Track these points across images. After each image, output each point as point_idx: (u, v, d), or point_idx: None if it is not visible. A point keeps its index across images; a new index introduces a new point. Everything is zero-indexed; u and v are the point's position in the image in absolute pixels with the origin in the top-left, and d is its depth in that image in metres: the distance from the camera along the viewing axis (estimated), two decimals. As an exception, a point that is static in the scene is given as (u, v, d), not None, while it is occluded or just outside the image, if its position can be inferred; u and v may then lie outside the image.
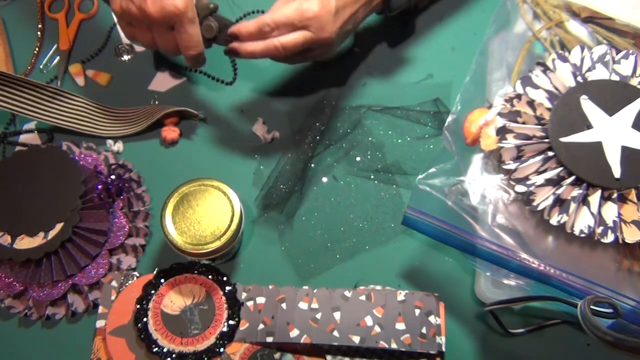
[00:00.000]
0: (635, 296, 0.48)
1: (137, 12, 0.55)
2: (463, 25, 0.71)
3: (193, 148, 0.66)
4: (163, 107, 0.66)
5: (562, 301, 0.48)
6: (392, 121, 0.66)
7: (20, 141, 0.67)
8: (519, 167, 0.49)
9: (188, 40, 0.56)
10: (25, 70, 0.71)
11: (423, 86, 0.68)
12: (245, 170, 0.65)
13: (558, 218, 0.48)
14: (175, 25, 0.56)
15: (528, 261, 0.49)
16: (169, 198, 0.55)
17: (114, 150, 0.66)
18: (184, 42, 0.56)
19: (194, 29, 0.56)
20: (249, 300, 0.56)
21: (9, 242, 0.57)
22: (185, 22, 0.55)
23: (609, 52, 0.53)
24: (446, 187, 0.52)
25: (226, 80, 0.69)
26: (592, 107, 0.50)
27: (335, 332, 0.53)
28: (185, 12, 0.54)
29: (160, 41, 0.58)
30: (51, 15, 0.74)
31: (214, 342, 0.55)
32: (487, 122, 0.53)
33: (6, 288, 0.58)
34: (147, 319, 0.55)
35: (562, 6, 0.59)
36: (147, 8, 0.54)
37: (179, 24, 0.55)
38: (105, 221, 0.59)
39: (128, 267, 0.60)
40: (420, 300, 0.54)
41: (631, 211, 0.48)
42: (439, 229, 0.51)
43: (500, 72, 0.56)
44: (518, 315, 0.57)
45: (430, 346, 0.52)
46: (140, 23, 0.57)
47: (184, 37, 0.56)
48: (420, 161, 0.64)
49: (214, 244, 0.54)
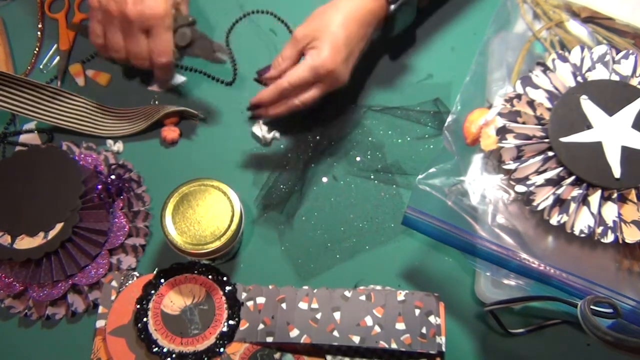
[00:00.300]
0: (635, 296, 0.48)
1: (116, 12, 0.57)
2: (463, 25, 0.71)
3: (193, 148, 0.66)
4: (163, 107, 0.66)
5: (562, 301, 0.48)
6: (392, 121, 0.66)
7: (20, 141, 0.67)
8: (519, 167, 0.49)
9: (160, 46, 0.59)
10: (25, 70, 0.71)
11: (423, 86, 0.68)
12: (245, 170, 0.65)
13: (558, 218, 0.48)
14: (151, 30, 0.58)
15: (528, 261, 0.49)
16: (169, 198, 0.55)
17: (114, 150, 0.66)
18: (156, 47, 0.59)
19: (168, 35, 0.58)
20: (249, 300, 0.56)
21: (9, 242, 0.57)
22: (162, 27, 0.57)
23: (609, 52, 0.53)
24: (446, 187, 0.52)
25: (226, 80, 0.69)
26: (592, 107, 0.50)
27: (335, 332, 0.53)
28: (164, 18, 0.57)
29: (130, 45, 0.59)
30: (51, 15, 0.74)
31: (214, 342, 0.55)
32: (487, 122, 0.53)
33: (6, 288, 0.58)
34: (147, 319, 0.55)
35: (562, 6, 0.59)
36: (127, 9, 0.56)
37: (155, 29, 0.57)
38: (105, 221, 0.59)
39: (128, 267, 0.60)
40: (420, 300, 0.54)
41: (631, 211, 0.48)
42: (439, 229, 0.51)
43: (500, 72, 0.56)
44: (518, 315, 0.57)
45: (430, 346, 0.52)
46: (114, 23, 0.58)
47: (157, 42, 0.58)
48: (420, 161, 0.64)
49: (214, 244, 0.54)
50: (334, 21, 0.57)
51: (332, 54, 0.56)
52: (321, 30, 0.57)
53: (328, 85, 0.58)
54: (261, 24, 0.71)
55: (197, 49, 0.61)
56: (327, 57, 0.56)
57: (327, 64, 0.56)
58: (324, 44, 0.56)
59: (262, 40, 0.71)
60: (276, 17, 0.71)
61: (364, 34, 0.59)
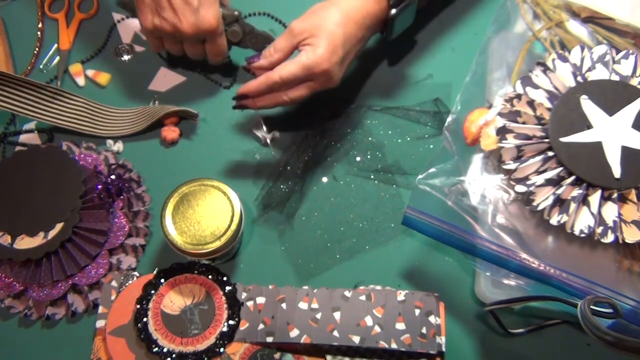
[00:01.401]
0: (635, 296, 0.48)
1: (171, 30, 0.59)
2: (463, 25, 0.71)
3: (193, 148, 0.66)
4: (163, 107, 0.66)
5: (562, 301, 0.48)
6: (392, 121, 0.66)
7: (20, 141, 0.67)
8: (519, 167, 0.49)
9: (217, 50, 0.62)
10: (25, 70, 0.71)
11: (423, 86, 0.68)
12: (245, 170, 0.65)
13: (558, 218, 0.48)
14: (207, 39, 0.61)
15: (528, 261, 0.49)
16: (169, 198, 0.55)
17: (114, 150, 0.66)
18: (214, 52, 0.62)
19: (223, 40, 0.62)
20: (249, 300, 0.56)
21: (9, 242, 0.57)
22: (216, 36, 0.60)
23: (609, 52, 0.53)
24: (446, 187, 0.52)
25: (224, 84, 0.69)
26: (592, 107, 0.50)
27: (335, 332, 0.53)
28: (217, 28, 0.60)
29: (189, 51, 0.63)
30: (51, 15, 0.74)
31: (214, 342, 0.55)
32: (487, 122, 0.53)
33: (6, 288, 0.58)
34: (147, 319, 0.55)
35: (562, 6, 0.59)
36: (182, 27, 0.58)
37: (210, 38, 0.61)
38: (105, 221, 0.59)
39: (128, 267, 0.60)
40: (420, 300, 0.54)
41: (631, 211, 0.48)
42: (439, 229, 0.51)
43: (500, 72, 0.56)
44: (518, 315, 0.57)
45: (430, 346, 0.52)
46: (171, 38, 0.61)
47: (214, 48, 0.62)
48: (420, 161, 0.64)
49: (214, 244, 0.54)
50: (333, 19, 0.56)
51: (328, 54, 0.55)
52: (319, 27, 0.56)
53: (320, 85, 0.58)
54: (261, 24, 0.71)
55: (249, 42, 0.64)
56: (323, 56, 0.55)
57: (322, 64, 0.55)
58: (320, 42, 0.55)
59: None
60: (274, 18, 0.71)
61: (361, 37, 0.59)
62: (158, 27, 0.59)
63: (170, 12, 0.57)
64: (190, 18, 0.57)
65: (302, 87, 0.57)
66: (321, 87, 0.58)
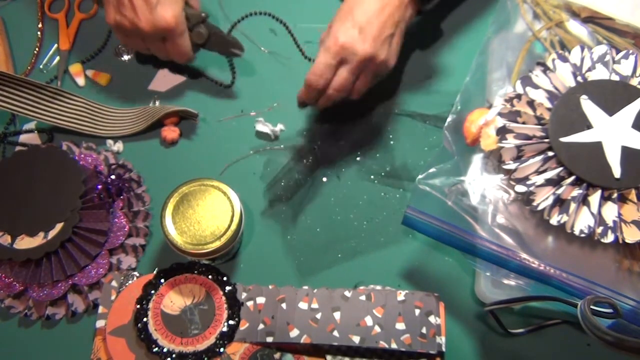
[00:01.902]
0: (635, 296, 0.48)
1: (130, 26, 0.60)
2: (463, 25, 0.71)
3: (193, 148, 0.66)
4: (163, 107, 0.66)
5: (562, 301, 0.48)
6: (403, 124, 0.66)
7: (20, 141, 0.67)
8: (519, 167, 0.49)
9: (178, 51, 0.62)
10: (25, 70, 0.71)
11: (423, 86, 0.68)
12: (245, 170, 0.65)
13: (558, 218, 0.48)
14: (167, 37, 0.61)
15: (528, 261, 0.49)
16: (169, 198, 0.55)
17: (114, 150, 0.66)
18: (175, 51, 0.62)
19: (184, 40, 0.62)
20: (249, 300, 0.56)
21: (9, 242, 0.57)
22: (176, 35, 0.61)
23: (609, 52, 0.53)
24: (446, 187, 0.52)
25: (225, 83, 0.69)
26: (592, 107, 0.50)
27: (335, 332, 0.53)
28: (175, 27, 0.60)
29: (152, 49, 0.63)
30: (51, 15, 0.74)
31: (214, 342, 0.55)
32: (487, 122, 0.53)
33: (6, 288, 0.58)
34: (147, 319, 0.55)
35: (562, 6, 0.59)
36: (139, 23, 0.59)
37: (170, 37, 0.61)
38: (105, 221, 0.59)
39: (128, 267, 0.60)
40: (420, 300, 0.54)
41: (631, 211, 0.48)
42: (439, 229, 0.51)
43: (500, 72, 0.56)
44: (518, 315, 0.57)
45: (430, 346, 0.52)
46: (133, 35, 0.61)
47: (174, 48, 0.62)
48: (422, 162, 0.64)
49: (214, 244, 0.54)
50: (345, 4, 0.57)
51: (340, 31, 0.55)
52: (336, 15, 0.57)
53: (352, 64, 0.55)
54: (261, 24, 0.71)
55: (214, 44, 0.64)
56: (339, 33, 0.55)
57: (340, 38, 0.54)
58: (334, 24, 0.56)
59: (261, 40, 0.71)
60: (275, 17, 0.71)
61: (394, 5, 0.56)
62: (119, 23, 0.60)
63: (129, 9, 0.58)
64: (147, 15, 0.58)
65: (338, 74, 0.57)
66: (356, 64, 0.56)
